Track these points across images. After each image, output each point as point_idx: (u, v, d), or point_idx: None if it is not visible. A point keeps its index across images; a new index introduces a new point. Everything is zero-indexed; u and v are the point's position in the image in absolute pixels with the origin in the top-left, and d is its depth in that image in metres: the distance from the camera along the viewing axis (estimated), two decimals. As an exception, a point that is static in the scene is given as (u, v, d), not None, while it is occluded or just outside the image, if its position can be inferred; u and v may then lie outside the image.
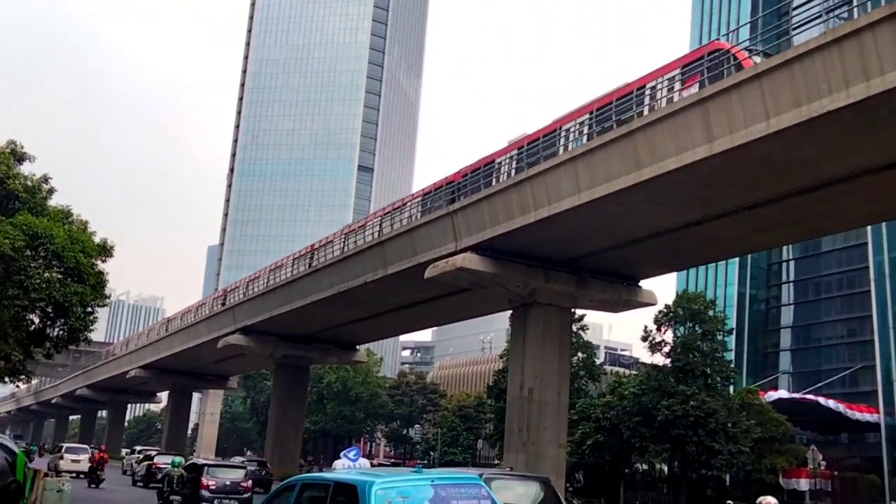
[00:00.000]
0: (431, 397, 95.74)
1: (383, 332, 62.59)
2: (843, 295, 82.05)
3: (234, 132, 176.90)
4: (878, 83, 18.20)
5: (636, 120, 24.98)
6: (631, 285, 35.78)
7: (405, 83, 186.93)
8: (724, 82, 22.04)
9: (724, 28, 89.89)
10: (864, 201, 26.00)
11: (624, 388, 54.08)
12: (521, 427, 32.99)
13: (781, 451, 55.15)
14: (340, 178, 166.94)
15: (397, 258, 36.69)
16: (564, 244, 31.74)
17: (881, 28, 18.08)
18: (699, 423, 48.66)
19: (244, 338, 54.74)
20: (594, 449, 53.11)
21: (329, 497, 9.31)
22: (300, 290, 46.61)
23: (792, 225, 29.17)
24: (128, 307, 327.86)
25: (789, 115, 20.18)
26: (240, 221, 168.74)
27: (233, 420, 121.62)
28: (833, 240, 78.38)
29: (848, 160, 22.23)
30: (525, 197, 29.31)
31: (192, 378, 79.78)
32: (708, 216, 27.33)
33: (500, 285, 33.42)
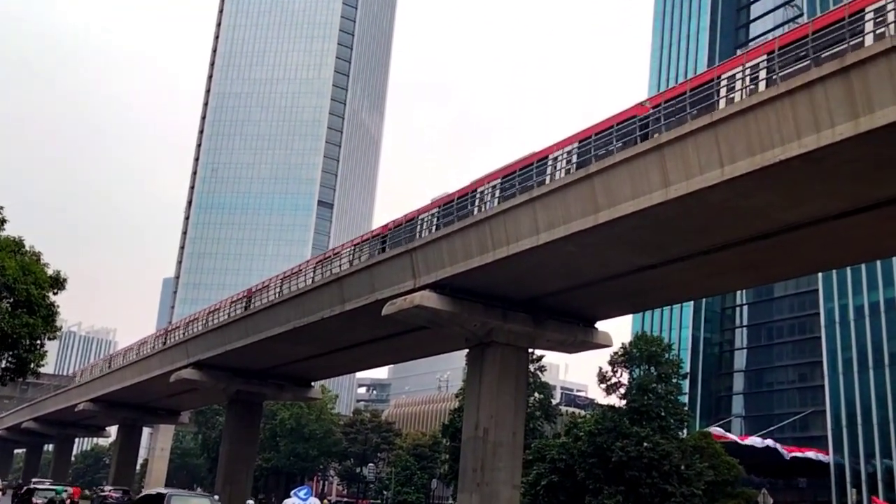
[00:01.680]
0: (386, 436, 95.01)
1: (340, 368, 62.15)
2: (794, 340, 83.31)
3: (193, 165, 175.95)
4: (828, 135, 18.69)
5: (594, 164, 25.30)
6: (587, 326, 35.99)
7: (367, 120, 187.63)
8: (681, 129, 22.44)
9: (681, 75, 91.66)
10: (815, 249, 26.51)
11: (579, 429, 54.16)
12: (476, 467, 32.81)
13: (733, 494, 55.43)
14: (300, 212, 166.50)
15: (355, 294, 36.58)
16: (523, 284, 31.89)
17: (831, 82, 18.61)
18: (653, 465, 48.86)
19: (197, 372, 53.95)
20: (548, 490, 52.99)
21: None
22: (256, 324, 46.18)
23: (745, 270, 29.63)
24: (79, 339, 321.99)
25: (743, 163, 20.61)
26: (197, 254, 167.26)
27: (183, 456, 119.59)
28: (785, 286, 79.74)
29: (799, 208, 22.70)
30: (484, 236, 29.47)
31: (143, 412, 78.36)
32: (664, 260, 27.66)
33: (457, 324, 33.42)
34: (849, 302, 71.40)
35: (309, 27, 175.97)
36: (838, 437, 69.45)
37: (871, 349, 68.49)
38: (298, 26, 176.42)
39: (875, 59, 17.86)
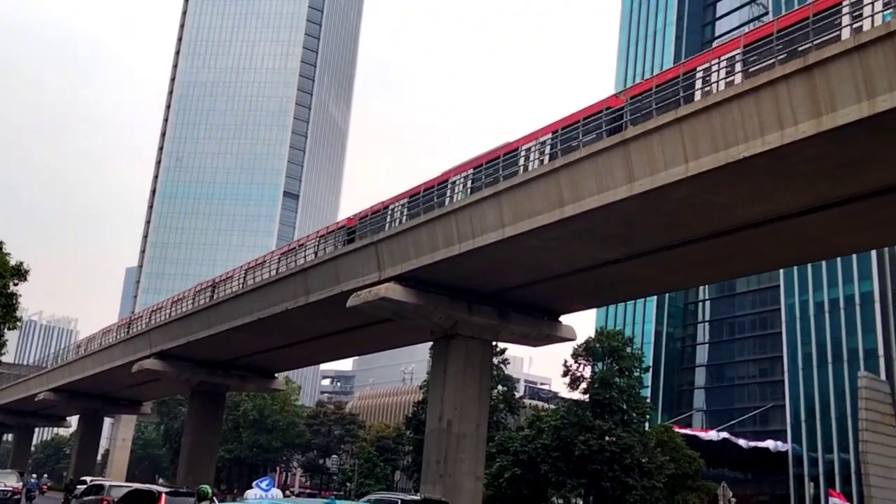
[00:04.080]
0: (350, 427, 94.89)
1: (304, 360, 61.93)
2: (755, 336, 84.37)
3: (157, 154, 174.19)
4: (791, 133, 18.90)
5: (560, 158, 25.38)
6: (552, 320, 36.16)
7: (334, 111, 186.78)
8: (647, 125, 22.56)
9: (648, 71, 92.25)
10: (777, 245, 26.81)
11: (543, 422, 54.41)
12: (439, 459, 32.88)
13: (694, 487, 56.06)
14: (265, 203, 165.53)
15: (320, 286, 36.44)
16: (488, 277, 31.96)
17: (795, 80, 18.82)
18: (615, 458, 49.23)
19: (160, 362, 53.53)
20: (511, 482, 53.18)
21: (240, 527, 9.14)
22: (219, 315, 45.87)
23: (708, 266, 29.92)
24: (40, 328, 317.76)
25: (707, 159, 20.79)
26: (160, 244, 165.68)
27: (145, 446, 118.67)
28: (747, 281, 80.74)
29: (763, 205, 22.94)
30: (450, 229, 29.48)
31: (105, 402, 77.59)
32: (628, 255, 27.85)
33: (423, 316, 33.44)
34: (809, 298, 72.45)
35: (276, 17, 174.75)
36: (797, 431, 70.50)
37: (831, 345, 69.58)
38: (265, 16, 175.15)
39: (837, 58, 18.08)
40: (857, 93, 17.66)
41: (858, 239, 27.18)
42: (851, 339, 68.54)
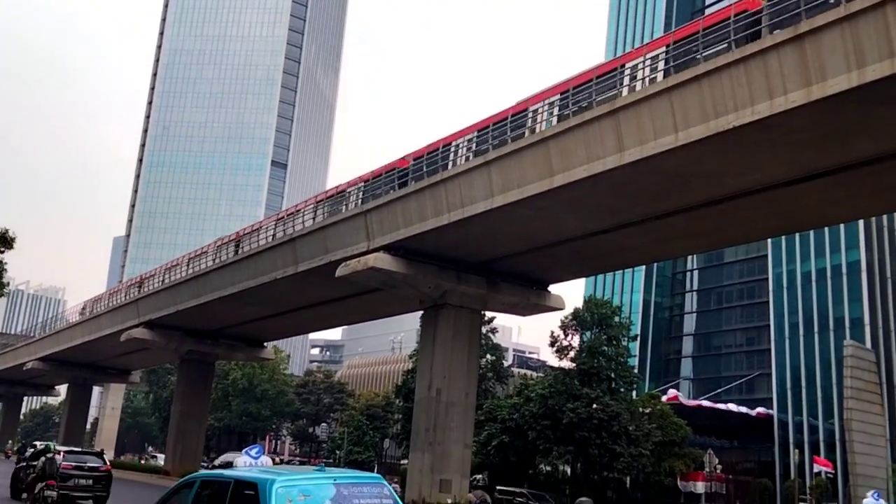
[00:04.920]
0: (339, 396, 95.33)
1: (293, 329, 62.03)
2: (743, 305, 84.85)
3: (144, 122, 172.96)
4: (781, 102, 18.88)
5: (550, 127, 25.32)
6: (540, 290, 36.26)
7: (322, 79, 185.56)
8: (636, 94, 22.54)
9: (637, 41, 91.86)
10: (765, 215, 26.90)
11: (531, 391, 54.74)
12: (428, 427, 33.09)
13: (680, 454, 56.57)
14: (253, 172, 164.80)
15: (308, 255, 36.41)
16: (477, 247, 31.98)
17: (785, 49, 18.76)
18: (602, 426, 49.63)
19: (148, 332, 53.54)
20: (499, 449, 53.62)
21: (229, 495, 9.17)
22: (208, 284, 45.81)
23: (697, 236, 30.00)
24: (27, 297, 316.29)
25: (697, 129, 20.77)
26: (147, 213, 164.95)
27: (134, 415, 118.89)
28: (735, 251, 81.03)
29: (751, 175, 22.98)
30: (439, 199, 29.44)
31: (93, 371, 77.61)
32: (617, 225, 27.89)
33: (411, 286, 33.48)
34: (796, 267, 72.84)
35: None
36: (783, 400, 71.13)
37: (817, 314, 70.06)
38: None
39: (829, 27, 18.02)
40: (846, 62, 17.64)
41: (846, 209, 27.25)
42: (838, 308, 69.01)
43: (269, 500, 8.36)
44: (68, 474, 25.23)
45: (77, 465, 25.89)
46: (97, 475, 26.32)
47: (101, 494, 26.36)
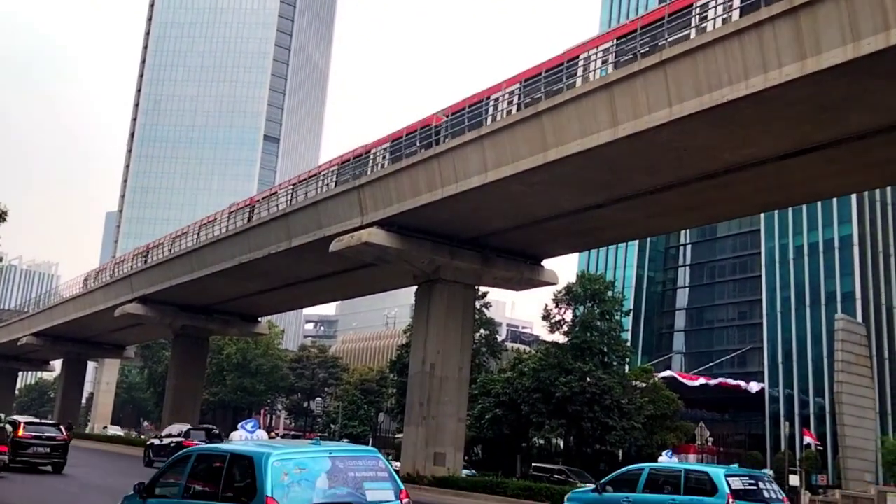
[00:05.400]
0: (333, 371, 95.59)
1: (286, 304, 62.06)
2: (735, 279, 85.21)
3: (135, 96, 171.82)
4: (775, 76, 18.83)
5: (543, 101, 25.24)
6: (534, 264, 36.32)
7: (314, 52, 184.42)
8: (630, 67, 22.43)
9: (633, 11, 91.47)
10: (758, 190, 26.92)
11: (524, 365, 55.01)
12: (423, 401, 33.25)
13: (672, 427, 56.99)
14: (245, 147, 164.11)
15: (302, 231, 36.37)
16: (470, 222, 31.97)
17: (781, 22, 18.68)
18: (595, 399, 49.95)
19: (142, 307, 53.55)
20: (493, 423, 53.96)
21: (225, 468, 9.24)
22: (201, 260, 45.77)
23: (690, 210, 30.01)
24: (20, 273, 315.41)
25: (691, 103, 20.72)
26: (140, 188, 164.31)
27: (129, 390, 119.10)
28: (728, 226, 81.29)
29: (745, 149, 22.96)
30: (433, 174, 29.38)
31: (88, 346, 77.59)
32: (610, 199, 27.89)
33: (405, 261, 33.51)
34: (789, 242, 73.12)
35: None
36: (774, 373, 71.62)
37: (809, 288, 70.41)
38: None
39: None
40: (842, 35, 17.58)
41: (839, 183, 27.27)
42: (829, 283, 69.37)
43: (265, 474, 8.42)
44: (27, 443, 27.66)
45: (36, 435, 28.11)
46: (54, 444, 28.38)
47: (58, 461, 28.58)
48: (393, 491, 9.25)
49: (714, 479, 15.14)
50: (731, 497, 14.58)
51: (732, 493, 14.71)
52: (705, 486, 15.27)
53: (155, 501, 10.14)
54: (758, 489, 15.53)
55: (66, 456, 28.87)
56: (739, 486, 15.14)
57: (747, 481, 15.56)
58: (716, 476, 15.17)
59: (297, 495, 8.44)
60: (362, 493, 8.88)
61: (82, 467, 31.70)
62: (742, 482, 15.35)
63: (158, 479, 10.55)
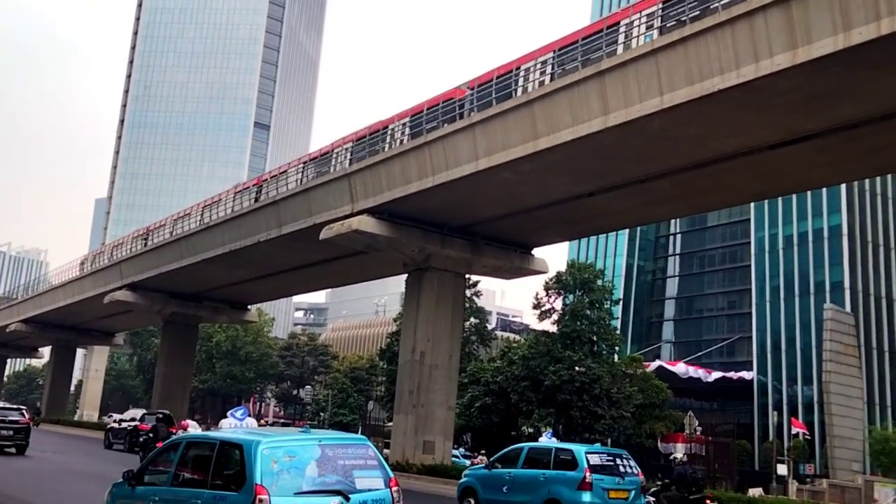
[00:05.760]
0: (323, 359, 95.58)
1: (276, 292, 61.98)
2: (725, 269, 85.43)
3: (125, 82, 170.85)
4: (766, 65, 18.82)
5: (534, 90, 25.20)
6: (524, 253, 36.33)
7: (305, 39, 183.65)
8: (622, 56, 22.41)
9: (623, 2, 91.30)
10: (749, 179, 26.94)
11: (513, 353, 55.13)
12: (412, 389, 33.26)
13: (661, 416, 57.24)
14: (236, 134, 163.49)
15: (292, 218, 36.27)
16: (461, 210, 31.93)
17: (772, 11, 18.66)
18: (584, 388, 50.10)
19: (132, 294, 53.39)
20: (482, 411, 54.10)
21: (214, 456, 9.24)
22: (191, 247, 45.62)
23: (681, 199, 30.02)
24: (9, 259, 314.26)
25: (682, 91, 20.70)
26: (129, 174, 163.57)
27: (118, 377, 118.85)
28: (718, 215, 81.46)
29: (735, 139, 22.98)
30: (423, 161, 29.32)
31: (77, 333, 77.40)
32: (601, 188, 27.88)
33: (395, 249, 33.46)
34: (779, 231, 73.32)
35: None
36: (763, 363, 71.92)
37: (798, 277, 70.67)
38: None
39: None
40: (833, 25, 17.58)
41: (830, 172, 27.30)
42: (819, 272, 69.62)
43: (255, 462, 8.41)
44: None
45: (0, 419, 30.16)
46: (17, 427, 30.17)
47: (21, 443, 30.23)
48: (382, 479, 9.26)
49: (576, 455, 17.77)
50: (588, 470, 17.19)
51: (590, 466, 17.32)
52: (570, 461, 17.79)
53: (144, 489, 10.13)
54: (614, 464, 18.11)
55: (28, 439, 30.58)
56: (597, 461, 17.77)
57: (605, 458, 18.27)
58: (577, 453, 17.83)
59: (286, 483, 8.44)
60: (352, 481, 8.89)
61: (48, 452, 33.16)
62: (600, 458, 18.04)
63: (147, 467, 10.55)
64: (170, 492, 9.60)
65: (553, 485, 17.66)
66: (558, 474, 17.73)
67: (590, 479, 17.08)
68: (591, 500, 16.98)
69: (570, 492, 17.22)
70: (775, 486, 49.31)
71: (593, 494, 17.01)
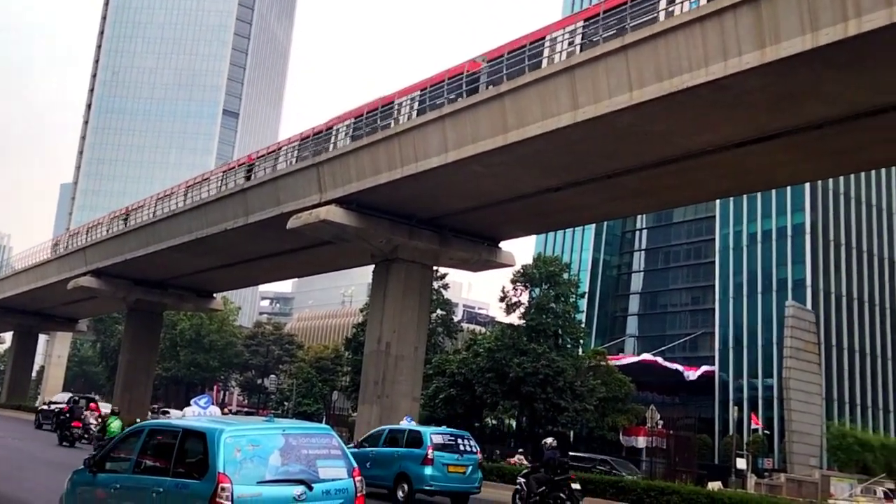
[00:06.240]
0: (288, 348, 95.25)
1: (243, 281, 61.66)
2: (689, 265, 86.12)
3: (93, 67, 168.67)
4: (735, 63, 18.99)
5: (505, 83, 25.23)
6: (491, 246, 36.42)
7: (276, 26, 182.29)
8: (593, 51, 22.47)
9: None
10: (715, 176, 27.18)
11: (479, 346, 55.26)
12: (377, 380, 33.26)
13: (623, 410, 57.67)
14: (204, 121, 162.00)
15: (260, 207, 36.06)
16: (429, 202, 31.93)
17: (742, 10, 18.83)
18: (548, 381, 50.35)
19: (96, 280, 52.85)
20: (447, 402, 54.19)
21: (177, 444, 9.17)
22: (157, 234, 45.20)
23: (648, 195, 30.22)
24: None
25: (651, 88, 20.83)
26: (96, 160, 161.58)
27: (81, 364, 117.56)
28: (684, 212, 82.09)
29: (703, 136, 23.17)
30: (393, 153, 29.27)
31: (40, 319, 76.52)
32: (569, 182, 27.99)
33: (363, 240, 33.39)
34: (743, 229, 74.04)
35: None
36: (724, 358, 72.65)
37: (761, 275, 71.45)
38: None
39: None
40: (801, 25, 17.76)
41: (795, 171, 27.61)
42: (781, 270, 70.42)
43: (218, 450, 8.38)
44: None
45: None
46: None
47: None
48: (346, 469, 9.27)
49: (423, 435, 20.89)
50: (431, 448, 20.27)
51: (433, 445, 20.44)
52: (418, 440, 20.82)
53: (105, 476, 10.04)
54: (455, 444, 21.21)
55: None
56: (440, 440, 20.93)
57: (447, 438, 21.39)
58: (424, 434, 20.99)
59: (249, 472, 8.41)
60: (315, 471, 8.88)
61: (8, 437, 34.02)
62: (443, 438, 21.19)
63: (109, 454, 10.46)
64: (131, 479, 9.53)
65: (403, 461, 20.70)
66: (408, 451, 20.84)
67: (431, 456, 20.13)
68: (432, 472, 20.04)
69: (416, 466, 20.25)
70: (734, 480, 49.93)
71: (434, 468, 20.04)
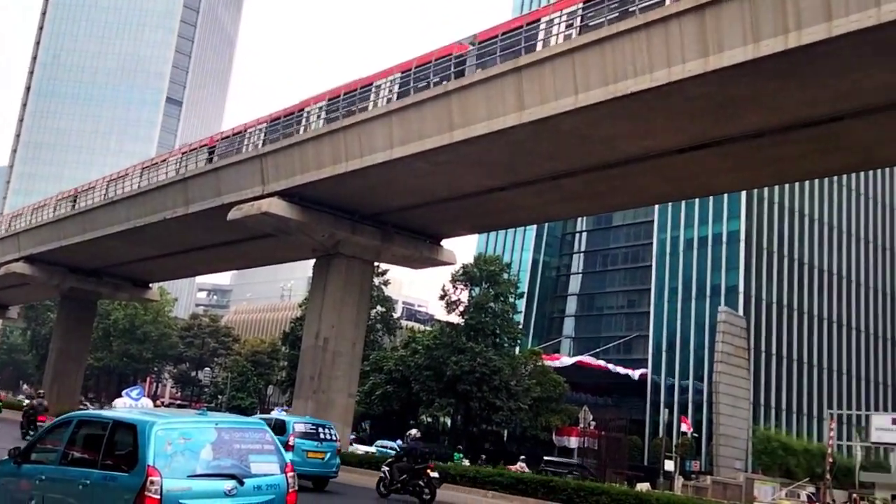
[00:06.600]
0: (224, 341, 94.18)
1: (180, 271, 60.66)
2: (626, 268, 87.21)
3: (33, 48, 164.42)
4: (678, 70, 19.27)
5: (452, 81, 25.25)
6: (433, 244, 36.47)
7: (223, 16, 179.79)
8: (540, 53, 22.61)
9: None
10: (656, 181, 27.56)
11: (418, 343, 55.30)
12: (314, 375, 33.06)
13: (557, 410, 58.19)
14: (147, 108, 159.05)
15: (200, 197, 35.55)
16: (373, 198, 31.83)
17: (687, 18, 19.11)
18: (484, 379, 50.62)
19: (29, 266, 51.59)
20: (383, 399, 54.16)
21: (107, 436, 8.97)
22: (94, 221, 44.25)
23: (590, 198, 30.53)
24: None
25: (597, 92, 21.03)
26: (33, 144, 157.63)
27: (10, 351, 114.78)
28: (623, 215, 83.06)
29: (645, 141, 23.48)
30: (338, 147, 29.10)
31: (-33, 305, 74.49)
32: (512, 183, 28.15)
33: (305, 233, 33.16)
34: (680, 234, 75.18)
35: None
36: (657, 361, 73.74)
37: (696, 280, 72.66)
38: None
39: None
40: (744, 35, 18.08)
41: (732, 179, 28.10)
42: (715, 275, 71.65)
43: (148, 443, 8.23)
44: None
45: None
46: None
47: None
48: (278, 464, 9.18)
49: (286, 423, 22.13)
50: (292, 435, 21.60)
51: (295, 432, 21.85)
52: (282, 428, 21.65)
53: (31, 467, 9.79)
54: (316, 432, 22.61)
55: None
56: (302, 429, 22.36)
57: (309, 426, 22.83)
58: (287, 422, 22.31)
59: (179, 465, 8.28)
60: (247, 466, 8.78)
61: None
62: (305, 427, 22.63)
63: (35, 444, 10.21)
64: (58, 471, 9.31)
65: None
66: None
67: (293, 443, 21.38)
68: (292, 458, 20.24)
69: None
70: (662, 482, 50.69)
71: (294, 454, 20.81)
